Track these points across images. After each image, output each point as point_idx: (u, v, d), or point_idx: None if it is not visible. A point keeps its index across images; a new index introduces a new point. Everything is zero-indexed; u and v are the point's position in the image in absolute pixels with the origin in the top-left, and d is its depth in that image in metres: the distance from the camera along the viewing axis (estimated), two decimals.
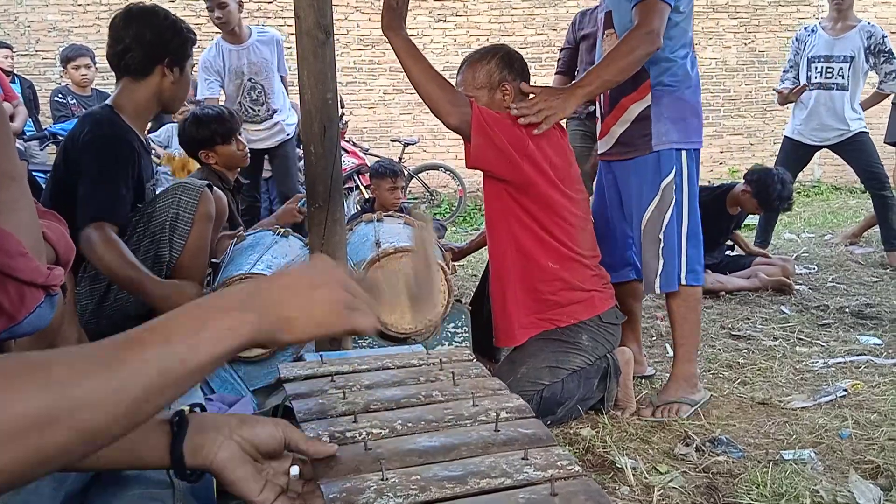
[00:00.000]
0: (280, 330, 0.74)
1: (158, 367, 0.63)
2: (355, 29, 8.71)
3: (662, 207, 2.31)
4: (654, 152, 2.31)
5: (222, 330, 0.69)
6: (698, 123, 2.37)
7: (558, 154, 2.27)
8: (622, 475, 1.86)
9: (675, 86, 2.29)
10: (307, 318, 0.75)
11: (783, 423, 2.22)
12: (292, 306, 0.74)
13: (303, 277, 0.78)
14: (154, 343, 0.64)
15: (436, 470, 0.88)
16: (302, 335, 0.76)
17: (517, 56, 2.40)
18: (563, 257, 2.26)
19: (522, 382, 2.16)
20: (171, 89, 2.30)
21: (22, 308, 1.11)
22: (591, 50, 4.07)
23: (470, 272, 4.79)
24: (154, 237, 2.16)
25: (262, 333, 0.72)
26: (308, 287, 0.77)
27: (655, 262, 2.33)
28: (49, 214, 1.37)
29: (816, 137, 4.68)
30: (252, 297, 0.73)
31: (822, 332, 3.20)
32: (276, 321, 0.73)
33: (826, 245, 5.38)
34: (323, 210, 2.06)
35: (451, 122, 2.17)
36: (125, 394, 0.61)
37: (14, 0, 8.14)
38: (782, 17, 9.41)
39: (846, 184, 9.00)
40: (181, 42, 2.28)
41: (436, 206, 8.39)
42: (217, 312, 0.70)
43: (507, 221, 2.27)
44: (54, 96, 5.64)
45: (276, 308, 0.74)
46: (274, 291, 0.75)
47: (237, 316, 0.70)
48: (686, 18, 2.31)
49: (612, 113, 2.41)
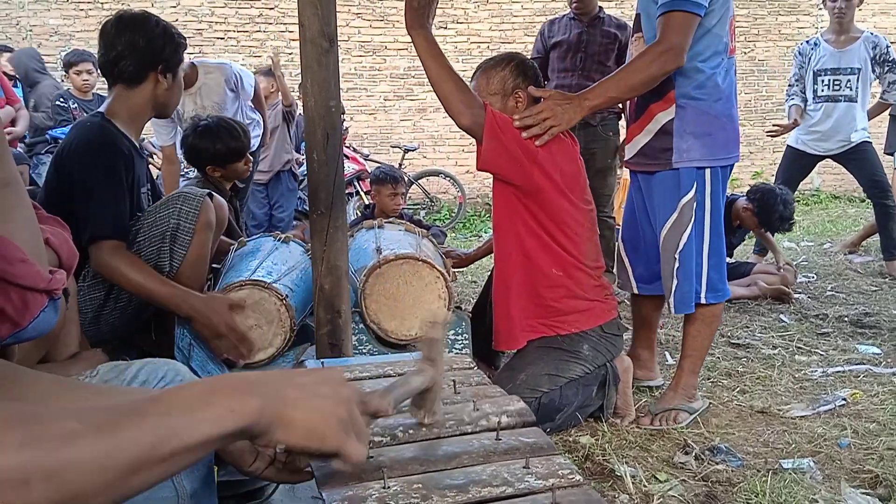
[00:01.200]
0: (277, 426, 0.72)
1: (152, 438, 0.62)
2: (356, 35, 8.74)
3: (680, 226, 2.26)
4: (674, 170, 2.25)
5: (225, 410, 0.68)
6: (727, 138, 2.27)
7: (569, 162, 2.28)
8: (621, 483, 1.86)
9: (702, 99, 2.21)
10: (305, 423, 0.74)
11: (782, 431, 2.22)
12: (296, 406, 0.74)
13: (315, 384, 0.77)
14: (153, 414, 0.63)
15: (438, 478, 0.89)
16: (295, 438, 0.74)
17: (531, 64, 2.41)
18: (567, 265, 2.27)
19: (521, 389, 2.17)
20: (164, 95, 2.30)
21: (27, 313, 1.11)
22: (563, 58, 4.12)
23: (470, 279, 4.79)
24: (154, 247, 2.14)
25: (260, 424, 0.71)
26: (316, 394, 0.76)
27: (671, 281, 2.29)
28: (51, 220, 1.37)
29: (821, 147, 4.68)
30: (262, 385, 0.73)
31: (821, 340, 3.21)
32: (276, 416, 0.72)
33: (825, 254, 5.39)
34: (325, 217, 2.06)
35: (463, 122, 2.18)
36: (112, 461, 0.59)
37: (16, 4, 8.16)
38: (782, 26, 9.44)
39: (845, 193, 9.02)
40: (174, 48, 2.28)
41: (436, 212, 8.40)
42: (223, 391, 0.70)
43: (514, 225, 2.28)
44: (56, 100, 5.65)
45: (281, 404, 0.73)
46: (284, 387, 0.75)
47: (242, 399, 0.70)
48: (720, 23, 2.19)
49: (639, 121, 2.35)
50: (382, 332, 2.33)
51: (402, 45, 8.80)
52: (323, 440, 0.75)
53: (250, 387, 0.72)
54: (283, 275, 2.31)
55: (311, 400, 0.75)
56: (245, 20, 8.58)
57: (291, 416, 0.73)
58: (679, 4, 2.09)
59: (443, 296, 2.35)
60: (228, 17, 8.54)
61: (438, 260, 2.51)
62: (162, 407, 0.65)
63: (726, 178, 2.33)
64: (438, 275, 2.33)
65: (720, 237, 2.33)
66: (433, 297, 2.34)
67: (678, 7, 2.09)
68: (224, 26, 8.53)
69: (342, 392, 0.78)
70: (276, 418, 0.72)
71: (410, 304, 2.33)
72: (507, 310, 2.33)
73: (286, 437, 0.73)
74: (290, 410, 0.73)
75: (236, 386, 0.71)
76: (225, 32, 8.53)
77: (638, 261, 2.52)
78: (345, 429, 0.76)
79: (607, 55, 4.08)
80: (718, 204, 2.29)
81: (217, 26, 8.50)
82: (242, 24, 8.56)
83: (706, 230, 2.27)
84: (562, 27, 4.17)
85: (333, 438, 0.75)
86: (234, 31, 8.55)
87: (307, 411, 0.74)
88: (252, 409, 0.69)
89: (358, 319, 2.30)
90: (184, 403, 0.66)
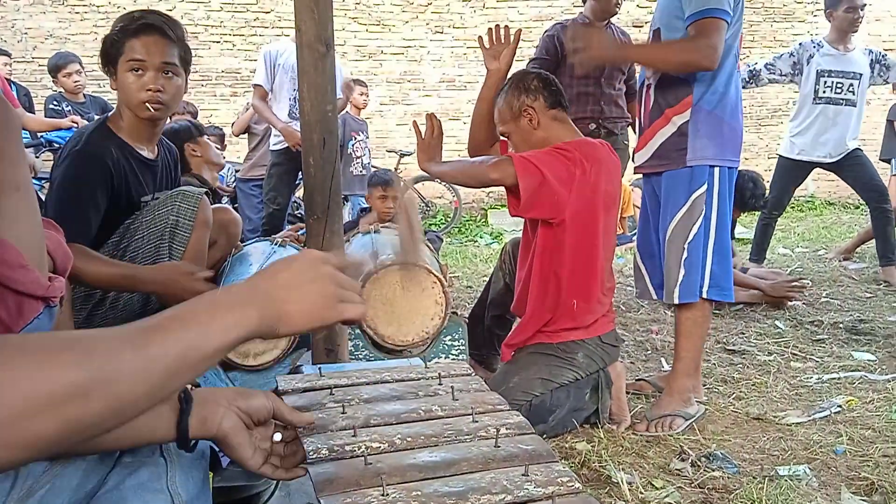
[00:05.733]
0: (279, 323, 0.82)
1: (177, 349, 0.70)
2: (352, 39, 8.74)
3: (690, 219, 2.31)
4: (688, 167, 2.31)
5: (229, 323, 0.76)
6: (734, 143, 2.35)
7: (611, 182, 2.28)
8: (618, 490, 1.86)
9: (715, 105, 2.30)
10: (302, 311, 0.83)
11: (778, 438, 2.22)
12: (289, 301, 0.83)
13: (297, 273, 0.85)
14: (174, 329, 0.72)
15: (437, 486, 0.88)
16: (298, 327, 0.84)
17: (531, 76, 2.38)
18: (590, 297, 2.28)
19: (514, 392, 2.17)
20: (119, 93, 2.17)
21: (20, 320, 1.10)
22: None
23: (465, 284, 4.79)
24: (152, 244, 2.14)
25: (263, 326, 0.80)
26: (302, 282, 0.85)
27: (676, 271, 2.33)
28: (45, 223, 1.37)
29: (815, 153, 4.63)
30: (253, 293, 0.81)
31: (817, 347, 3.21)
32: (275, 315, 0.81)
33: (820, 260, 5.40)
34: (321, 221, 2.06)
35: (493, 176, 2.16)
36: (153, 371, 0.68)
37: (11, 7, 8.14)
38: (777, 32, 9.48)
39: (840, 199, 9.05)
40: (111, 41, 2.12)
41: (431, 217, 8.40)
42: (223, 307, 0.77)
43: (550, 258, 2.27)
44: (49, 104, 5.62)
45: (275, 303, 0.82)
46: (272, 288, 0.83)
47: (241, 311, 0.78)
48: (733, 36, 2.29)
49: (653, 125, 2.41)
50: (379, 337, 2.32)
51: (397, 50, 8.80)
52: (323, 318, 0.85)
53: (244, 298, 0.80)
54: None
55: (299, 290, 0.84)
56: (241, 24, 8.57)
57: (287, 311, 0.82)
58: (713, 12, 2.17)
59: (439, 301, 2.35)
60: (224, 20, 8.53)
61: (435, 265, 2.51)
62: (178, 323, 0.73)
63: (733, 180, 2.38)
64: (435, 280, 2.33)
65: (726, 236, 2.37)
66: (430, 303, 2.34)
67: (712, 14, 2.17)
68: (220, 30, 8.52)
69: (322, 270, 0.87)
70: (275, 318, 0.81)
71: (407, 309, 2.33)
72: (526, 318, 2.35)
73: (291, 329, 0.83)
74: (284, 306, 0.82)
75: (233, 300, 0.79)
76: (221, 36, 8.52)
77: (654, 267, 2.53)
78: (337, 299, 0.86)
79: None
80: (726, 204, 2.34)
81: (213, 30, 8.49)
82: (238, 28, 8.55)
83: (713, 226, 2.32)
84: None
85: (332, 313, 0.86)
86: (231, 34, 8.54)
87: (299, 302, 0.83)
88: (252, 317, 0.78)
89: (354, 325, 2.30)
90: (195, 319, 0.74)
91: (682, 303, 2.34)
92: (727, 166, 2.34)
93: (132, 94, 2.12)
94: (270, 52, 4.51)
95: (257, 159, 5.46)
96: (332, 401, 1.17)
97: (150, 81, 2.10)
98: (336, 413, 1.11)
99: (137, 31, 2.09)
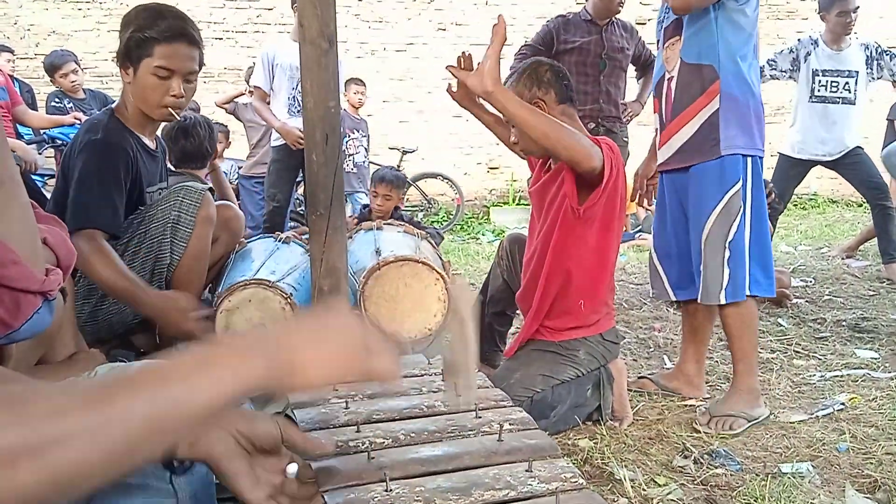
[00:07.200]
0: (292, 375, 0.69)
1: (148, 409, 0.58)
2: (355, 36, 8.74)
3: (729, 217, 2.24)
4: (719, 158, 2.24)
5: (226, 372, 0.64)
6: (760, 132, 2.29)
7: (625, 184, 2.24)
8: (620, 487, 1.86)
9: (740, 92, 2.24)
10: (319, 361, 0.70)
11: (781, 436, 2.22)
12: (305, 349, 0.70)
13: (317, 321, 0.74)
14: (148, 385, 0.60)
15: (440, 481, 0.88)
16: (316, 378, 0.71)
17: (545, 66, 2.30)
18: (596, 300, 2.27)
19: (515, 387, 2.16)
20: (131, 91, 2.17)
21: (19, 315, 1.09)
22: (583, 62, 3.85)
23: (467, 281, 4.79)
24: (155, 240, 2.14)
25: (270, 378, 0.67)
26: (321, 330, 0.73)
27: (720, 272, 2.26)
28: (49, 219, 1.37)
29: (814, 151, 4.64)
30: (261, 340, 0.70)
31: (820, 345, 3.20)
32: (286, 364, 0.69)
33: (823, 258, 5.39)
34: (324, 218, 2.06)
35: (594, 164, 2.01)
36: (106, 436, 0.56)
37: (14, 3, 8.14)
38: (779, 30, 9.46)
39: (842, 197, 9.03)
40: (136, 42, 2.11)
41: (433, 215, 8.39)
42: (223, 354, 0.66)
43: (567, 253, 2.23)
44: (51, 101, 5.62)
45: (286, 352, 0.69)
46: (286, 334, 0.72)
47: (243, 359, 0.66)
48: (752, 22, 2.25)
49: (677, 119, 2.34)
50: None
51: (400, 47, 8.79)
52: (346, 370, 0.72)
53: (250, 346, 0.68)
54: (286, 274, 2.31)
55: (318, 337, 0.72)
56: (244, 21, 8.57)
57: (302, 360, 0.69)
58: None
59: (442, 298, 2.35)
60: (227, 17, 8.53)
61: (437, 262, 2.50)
62: (157, 377, 0.61)
63: (762, 172, 2.33)
64: (438, 276, 2.33)
65: (765, 227, 2.32)
66: (432, 299, 2.34)
67: None
68: (223, 27, 8.52)
69: (348, 320, 0.74)
70: (285, 368, 0.68)
71: (410, 306, 2.32)
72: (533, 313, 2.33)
73: (307, 381, 0.70)
74: (298, 355, 0.69)
75: (235, 347, 0.68)
76: (224, 33, 8.52)
77: (671, 267, 2.50)
78: (364, 351, 0.73)
79: (626, 58, 3.98)
80: (761, 193, 2.29)
81: (216, 27, 8.48)
82: (241, 25, 8.55)
83: (750, 221, 2.27)
84: (579, 30, 3.88)
85: (355, 364, 0.72)
86: (233, 31, 8.54)
87: (317, 350, 0.71)
88: (257, 366, 0.66)
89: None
90: (182, 370, 0.62)
91: (727, 303, 2.28)
92: (759, 156, 2.29)
93: (153, 97, 2.13)
94: (267, 53, 4.51)
95: (260, 156, 5.47)
96: (336, 396, 1.17)
97: (176, 88, 2.12)
98: (339, 408, 1.11)
99: (169, 37, 2.09)
